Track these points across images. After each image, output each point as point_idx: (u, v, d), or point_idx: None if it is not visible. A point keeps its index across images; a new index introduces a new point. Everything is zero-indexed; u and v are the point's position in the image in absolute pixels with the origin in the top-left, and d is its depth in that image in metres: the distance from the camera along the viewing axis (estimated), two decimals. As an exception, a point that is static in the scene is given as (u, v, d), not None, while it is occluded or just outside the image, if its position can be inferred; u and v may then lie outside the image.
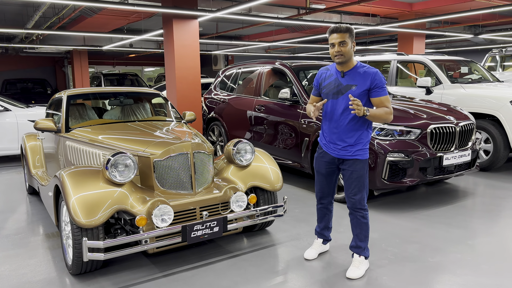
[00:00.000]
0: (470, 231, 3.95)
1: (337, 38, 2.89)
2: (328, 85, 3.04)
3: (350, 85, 2.94)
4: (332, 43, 2.93)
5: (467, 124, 4.86)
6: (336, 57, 2.93)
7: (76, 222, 2.84)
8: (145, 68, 24.74)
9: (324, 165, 3.15)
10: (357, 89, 2.91)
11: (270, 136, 5.87)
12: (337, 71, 3.03)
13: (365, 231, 3.09)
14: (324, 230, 3.41)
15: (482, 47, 18.37)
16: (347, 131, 2.97)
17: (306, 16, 10.24)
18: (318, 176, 3.24)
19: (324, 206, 3.32)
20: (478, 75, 7.52)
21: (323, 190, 3.26)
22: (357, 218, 3.08)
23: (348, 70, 2.98)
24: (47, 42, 14.53)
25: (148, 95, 5.13)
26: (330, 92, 3.01)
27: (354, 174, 3.01)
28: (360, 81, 2.93)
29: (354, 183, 3.02)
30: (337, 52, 2.90)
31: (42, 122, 4.27)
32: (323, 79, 3.10)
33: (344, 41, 2.89)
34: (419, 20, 10.05)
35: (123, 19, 11.06)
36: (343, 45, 2.89)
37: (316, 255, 3.40)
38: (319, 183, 3.26)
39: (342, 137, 2.99)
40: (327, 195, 3.27)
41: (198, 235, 3.10)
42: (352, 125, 2.97)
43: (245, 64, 6.98)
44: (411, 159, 4.38)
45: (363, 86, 2.92)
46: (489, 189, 5.37)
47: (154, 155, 3.25)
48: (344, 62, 2.95)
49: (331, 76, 3.05)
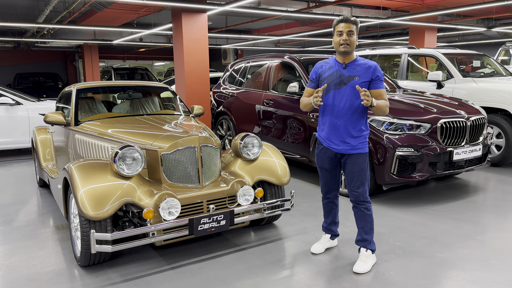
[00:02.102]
0: (480, 226, 3.90)
1: (346, 27, 2.92)
2: (329, 77, 3.04)
3: (353, 76, 2.97)
4: (339, 31, 2.94)
5: (478, 118, 4.79)
6: (341, 46, 2.93)
7: (84, 215, 2.87)
8: (155, 62, 24.83)
9: (327, 160, 3.14)
10: (359, 80, 2.95)
11: (278, 130, 5.86)
12: (338, 63, 3.04)
13: (370, 223, 3.09)
14: (331, 225, 3.40)
15: (495, 40, 18.06)
16: (350, 122, 2.98)
17: (316, 9, 10.15)
18: (322, 171, 3.23)
19: (330, 201, 3.31)
20: (491, 69, 7.40)
21: (328, 185, 3.25)
22: (361, 210, 3.08)
23: (349, 62, 3.01)
24: (58, 37, 14.64)
25: (157, 89, 5.14)
26: (332, 83, 3.01)
27: (356, 168, 3.02)
28: (362, 72, 2.96)
29: (357, 177, 3.03)
30: (344, 40, 2.91)
31: (51, 115, 4.31)
32: (323, 71, 3.09)
33: (351, 30, 2.92)
34: (430, 13, 9.90)
35: (133, 13, 11.09)
36: (350, 35, 2.92)
37: (323, 249, 3.39)
38: (323, 178, 3.25)
39: (345, 128, 2.99)
40: (332, 189, 3.27)
41: (205, 228, 3.11)
42: (355, 115, 2.98)
43: (254, 58, 6.96)
44: (420, 154, 4.34)
45: (365, 77, 2.95)
46: (500, 184, 5.30)
47: (161, 149, 3.26)
48: (347, 53, 2.97)
49: (331, 68, 3.06)
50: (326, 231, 3.44)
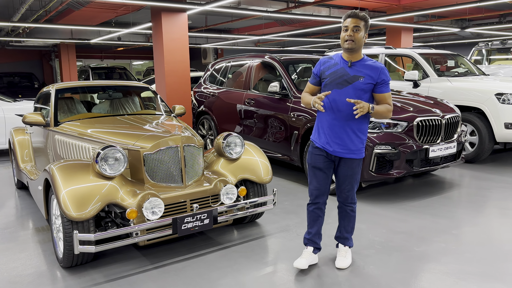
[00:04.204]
0: (455, 221, 4.05)
1: (352, 23, 2.76)
2: (332, 74, 2.86)
3: (358, 76, 2.81)
4: (345, 27, 2.79)
5: (453, 116, 4.95)
6: (346, 42, 2.78)
7: (67, 215, 2.86)
8: (133, 61, 24.53)
9: (321, 159, 2.95)
10: (364, 81, 2.80)
11: (260, 130, 5.91)
12: (344, 61, 2.87)
13: (353, 223, 3.12)
14: (315, 236, 3.12)
15: (468, 40, 18.58)
16: (349, 125, 2.84)
17: (295, 10, 10.25)
18: (315, 171, 2.99)
19: (318, 207, 3.06)
20: (465, 69, 7.63)
21: (320, 187, 3.00)
22: (346, 211, 3.07)
23: (356, 61, 2.85)
24: (33, 35, 14.32)
25: (137, 89, 5.12)
26: (334, 82, 2.84)
27: (350, 172, 2.94)
28: (367, 73, 2.81)
29: (349, 180, 2.97)
30: (349, 36, 2.76)
31: (30, 116, 4.25)
32: (326, 68, 2.91)
33: (358, 26, 2.76)
34: (407, 14, 10.13)
35: (111, 12, 10.95)
36: (356, 31, 2.76)
37: (307, 265, 3.07)
38: (316, 179, 3.00)
39: (343, 130, 2.84)
40: (323, 193, 3.02)
41: (189, 227, 3.13)
42: (355, 121, 2.85)
43: (234, 58, 6.99)
44: (398, 151, 4.46)
45: (370, 79, 2.80)
46: (474, 180, 5.49)
47: (144, 149, 3.27)
48: (353, 50, 2.79)
49: (336, 65, 2.88)
50: (309, 243, 3.14)
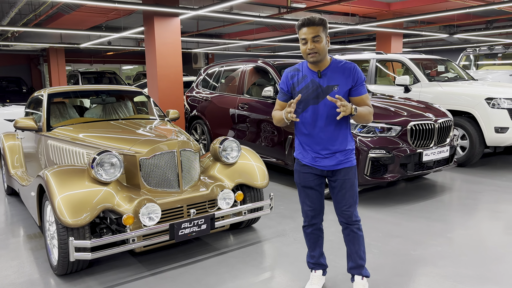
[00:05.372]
0: (449, 224, 4.08)
1: (310, 33, 2.41)
2: (304, 90, 2.54)
3: (332, 86, 2.49)
4: (303, 39, 2.44)
5: (445, 121, 5.01)
6: (309, 56, 2.44)
7: (62, 222, 2.81)
8: (123, 66, 24.38)
9: (311, 177, 2.65)
10: (340, 90, 2.49)
11: (253, 134, 5.90)
12: (311, 72, 2.55)
13: (363, 245, 2.70)
14: (320, 258, 2.84)
15: (456, 46, 18.88)
16: (334, 138, 2.54)
17: (287, 15, 10.30)
18: (305, 191, 2.69)
19: (317, 227, 2.77)
20: (454, 74, 7.74)
21: (314, 207, 2.70)
22: (353, 231, 2.66)
23: (324, 69, 2.52)
24: (22, 40, 14.16)
25: (131, 93, 5.08)
26: (309, 98, 2.52)
27: (347, 184, 2.60)
28: (341, 79, 2.50)
29: (348, 194, 2.61)
30: (311, 49, 2.42)
31: (22, 121, 4.19)
32: (296, 83, 2.58)
33: (318, 35, 2.41)
34: (396, 19, 10.25)
35: (102, 16, 10.89)
36: (317, 41, 2.41)
37: None
38: (308, 199, 2.70)
39: (329, 145, 2.55)
40: (319, 212, 2.73)
41: (186, 233, 3.10)
42: (339, 129, 2.55)
43: (227, 62, 6.98)
44: (392, 156, 4.49)
45: (345, 85, 2.49)
46: (466, 184, 5.54)
47: (140, 154, 3.24)
48: (319, 61, 2.48)
49: (305, 78, 2.55)
50: (315, 267, 2.86)
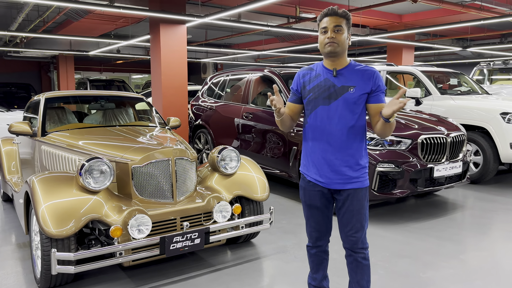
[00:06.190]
0: (461, 244, 3.82)
1: (332, 22, 2.20)
2: (316, 88, 2.31)
3: (347, 87, 2.24)
4: (324, 28, 2.23)
5: (458, 135, 4.77)
6: (327, 45, 2.22)
7: (46, 232, 2.64)
8: (133, 75, 24.49)
9: (317, 196, 2.37)
10: (356, 92, 2.23)
11: (257, 145, 5.72)
12: (326, 70, 2.31)
13: (368, 275, 2.39)
14: (322, 281, 2.59)
15: (469, 60, 18.59)
16: (345, 146, 2.26)
17: (296, 25, 10.18)
18: (310, 211, 2.44)
19: (322, 250, 2.52)
20: (467, 87, 7.49)
21: (319, 229, 2.44)
22: (357, 261, 2.36)
23: (341, 68, 2.28)
24: (32, 46, 14.24)
25: (131, 100, 4.94)
26: (320, 97, 2.28)
27: (355, 206, 2.30)
28: (358, 81, 2.24)
29: (356, 217, 2.31)
30: (330, 38, 2.20)
31: (17, 125, 4.05)
32: (307, 81, 2.36)
33: (340, 26, 2.20)
34: (408, 31, 10.07)
35: (110, 24, 10.88)
36: (338, 31, 2.21)
37: None
38: (313, 219, 2.44)
39: (339, 155, 2.27)
40: (325, 234, 2.47)
41: (178, 248, 2.90)
42: (352, 139, 2.27)
43: (233, 71, 6.84)
44: (401, 170, 4.26)
45: (363, 88, 2.24)
46: (479, 202, 5.27)
47: (132, 161, 3.06)
48: (336, 55, 2.25)
49: (318, 76, 2.33)
50: None
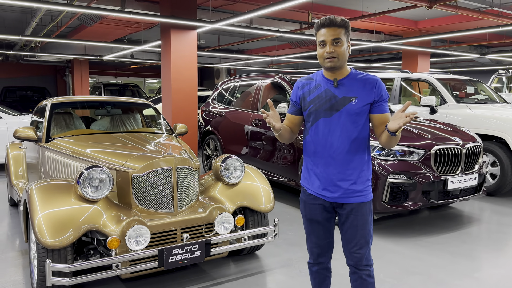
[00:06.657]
0: (476, 261, 3.64)
1: (330, 35, 2.10)
2: (316, 100, 2.22)
3: (349, 98, 2.16)
4: (321, 41, 2.14)
5: (474, 146, 4.58)
6: (327, 60, 2.14)
7: (41, 242, 2.57)
8: (147, 79, 24.66)
9: (319, 210, 2.27)
10: (358, 103, 2.16)
11: (266, 152, 5.60)
12: (326, 80, 2.23)
13: None
14: None
15: (487, 68, 18.18)
16: (348, 159, 2.18)
17: (308, 31, 10.07)
18: (311, 225, 2.32)
19: (324, 267, 2.40)
20: (485, 96, 7.27)
21: (320, 244, 2.33)
22: (362, 278, 2.25)
23: (342, 78, 2.20)
24: (47, 51, 14.42)
25: (138, 106, 4.89)
26: (321, 109, 2.19)
27: (359, 221, 2.21)
28: (360, 92, 2.17)
29: (360, 233, 2.21)
30: (329, 53, 2.12)
31: (22, 130, 4.02)
32: (307, 92, 2.27)
33: (338, 38, 2.11)
34: (423, 37, 9.86)
35: (124, 29, 10.94)
36: (337, 44, 2.12)
37: None
38: (314, 234, 2.33)
39: (340, 169, 2.19)
40: (326, 250, 2.36)
41: (177, 260, 2.81)
42: (355, 150, 2.19)
43: (243, 77, 6.76)
44: (413, 182, 4.09)
45: (365, 98, 2.16)
46: (496, 215, 5.06)
47: (133, 170, 2.98)
48: (337, 68, 2.17)
49: (318, 87, 2.24)
50: None
